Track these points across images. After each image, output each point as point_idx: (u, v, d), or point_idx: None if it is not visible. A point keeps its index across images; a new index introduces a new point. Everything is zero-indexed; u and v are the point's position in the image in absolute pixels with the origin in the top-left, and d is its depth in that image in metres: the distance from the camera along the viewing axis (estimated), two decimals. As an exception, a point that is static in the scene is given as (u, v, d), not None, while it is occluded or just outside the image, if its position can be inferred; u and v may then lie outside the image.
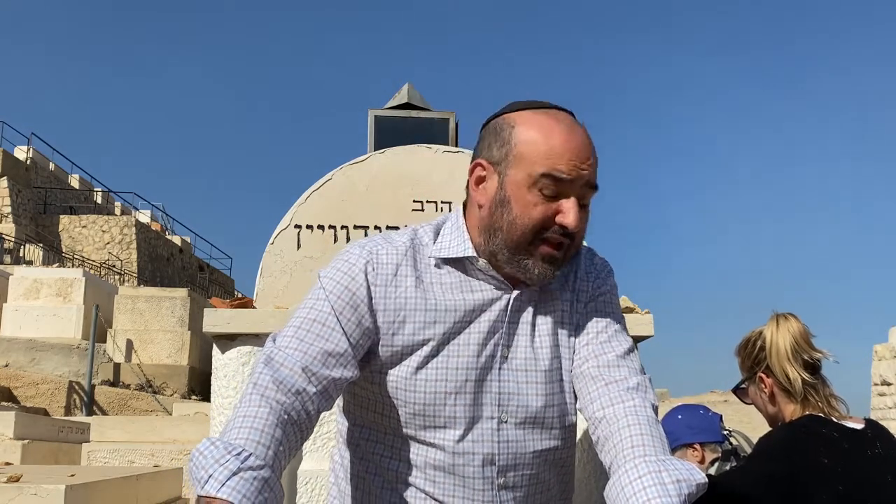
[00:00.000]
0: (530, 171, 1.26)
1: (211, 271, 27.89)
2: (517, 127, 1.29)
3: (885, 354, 10.08)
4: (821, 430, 1.81)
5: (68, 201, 24.21)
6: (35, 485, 2.14)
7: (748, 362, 1.98)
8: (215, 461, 1.07)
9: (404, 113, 5.89)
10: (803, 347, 1.89)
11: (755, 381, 1.96)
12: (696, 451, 2.70)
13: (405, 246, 1.35)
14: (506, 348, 1.32)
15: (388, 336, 1.31)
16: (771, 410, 1.95)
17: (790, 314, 1.94)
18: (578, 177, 1.26)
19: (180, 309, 11.08)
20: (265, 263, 2.33)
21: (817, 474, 1.73)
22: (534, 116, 1.30)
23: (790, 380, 1.87)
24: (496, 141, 1.31)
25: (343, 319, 1.27)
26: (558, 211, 1.26)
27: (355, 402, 1.39)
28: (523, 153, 1.27)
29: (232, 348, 2.17)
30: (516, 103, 1.35)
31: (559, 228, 1.27)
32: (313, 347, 1.24)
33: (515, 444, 1.33)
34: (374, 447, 1.37)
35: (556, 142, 1.26)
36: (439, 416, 1.30)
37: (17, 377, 10.07)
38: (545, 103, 1.33)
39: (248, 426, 1.13)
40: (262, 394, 1.19)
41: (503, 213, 1.28)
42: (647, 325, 2.28)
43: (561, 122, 1.28)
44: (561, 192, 1.26)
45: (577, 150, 1.26)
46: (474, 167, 1.34)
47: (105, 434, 6.30)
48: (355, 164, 2.39)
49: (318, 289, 1.31)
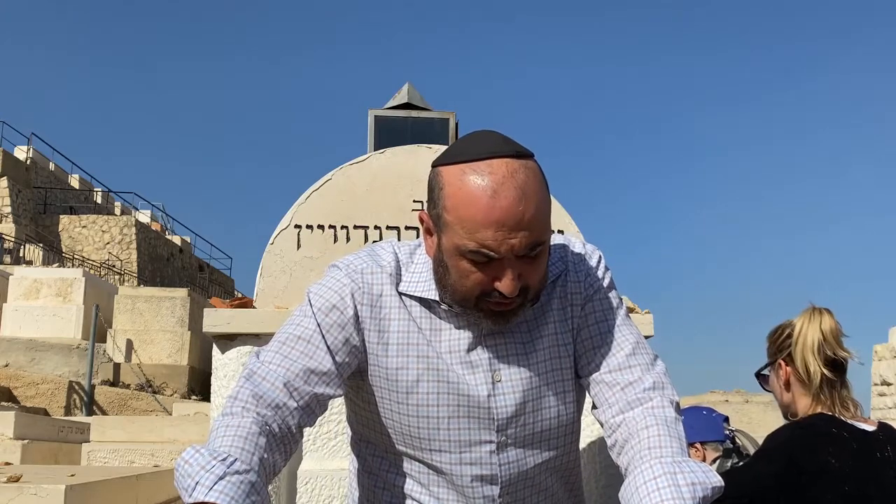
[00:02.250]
0: (458, 244, 1.17)
1: (211, 271, 27.89)
2: (444, 189, 1.19)
3: (885, 354, 10.09)
4: (830, 429, 1.80)
5: (68, 201, 24.21)
6: (35, 485, 2.14)
7: (773, 348, 1.99)
8: (201, 468, 1.06)
9: (404, 113, 5.90)
10: (831, 343, 1.88)
11: (775, 368, 1.97)
12: (697, 450, 2.71)
13: (391, 266, 1.31)
14: (496, 372, 1.28)
15: (374, 356, 1.29)
16: (786, 399, 1.96)
17: (825, 309, 1.94)
18: (508, 249, 1.15)
19: (180, 309, 11.08)
20: (265, 263, 2.33)
21: (824, 474, 1.73)
22: (459, 177, 1.17)
23: (809, 372, 1.87)
24: (430, 198, 1.24)
25: (329, 338, 1.25)
26: (496, 278, 1.17)
27: (357, 419, 1.39)
28: (448, 223, 1.18)
29: (232, 348, 2.17)
30: (454, 147, 1.24)
31: (498, 293, 1.18)
32: (296, 364, 1.22)
33: (517, 464, 1.31)
34: (378, 462, 1.36)
35: (477, 212, 1.14)
36: (434, 440, 1.28)
37: (17, 377, 10.07)
38: (484, 146, 1.19)
39: (231, 434, 1.12)
40: (243, 406, 1.17)
41: (444, 274, 1.23)
42: (647, 325, 2.28)
43: (486, 184, 1.14)
44: (494, 260, 1.16)
45: (503, 218, 1.13)
46: (420, 219, 1.29)
47: (105, 434, 6.30)
48: (355, 164, 2.39)
49: (305, 305, 1.29)
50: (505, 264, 1.17)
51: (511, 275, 1.17)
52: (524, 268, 1.19)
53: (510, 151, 1.19)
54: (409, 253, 1.34)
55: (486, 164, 1.16)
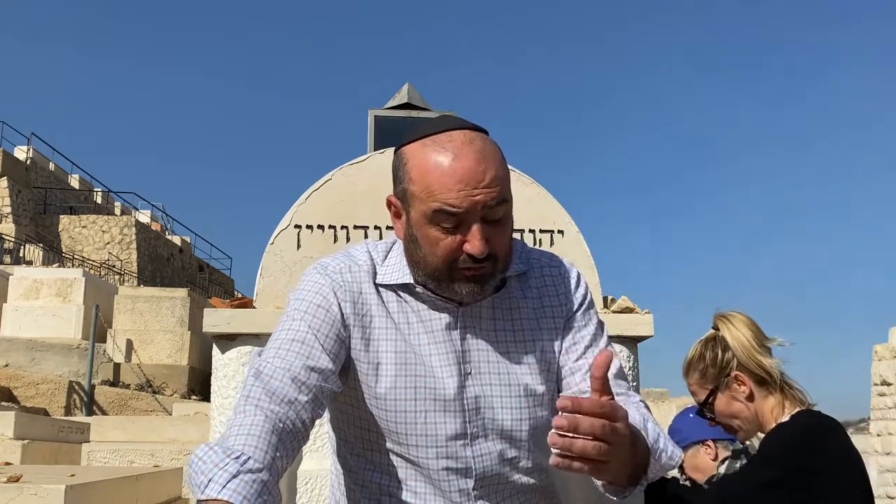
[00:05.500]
0: (424, 210, 1.23)
1: (211, 271, 27.89)
2: (407, 164, 1.26)
3: (885, 354, 10.07)
4: (829, 423, 1.79)
5: (68, 201, 24.21)
6: (35, 485, 2.14)
7: (713, 371, 1.89)
8: (214, 465, 1.07)
9: (404, 113, 5.90)
10: (759, 336, 1.87)
11: (728, 387, 1.88)
12: (709, 448, 2.65)
13: (367, 264, 1.36)
14: (467, 364, 1.32)
15: (356, 351, 1.32)
16: (749, 412, 1.88)
17: (732, 311, 1.92)
18: (472, 204, 1.21)
19: (180, 309, 11.08)
20: (265, 263, 2.33)
21: (829, 468, 1.71)
22: (421, 150, 1.25)
23: (767, 370, 1.84)
24: (395, 178, 1.31)
25: (321, 337, 1.28)
26: (464, 241, 1.23)
27: (340, 417, 1.41)
28: (414, 192, 1.25)
29: (232, 348, 2.18)
30: (414, 131, 1.31)
31: (468, 258, 1.23)
32: (296, 364, 1.24)
33: (489, 457, 1.33)
34: (357, 461, 1.39)
35: (441, 174, 1.21)
36: (411, 434, 1.31)
37: (17, 377, 10.08)
38: (443, 123, 1.28)
39: (244, 433, 1.14)
40: (255, 404, 1.19)
41: (415, 249, 1.28)
42: (647, 325, 2.28)
43: (446, 150, 1.23)
44: (461, 221, 1.22)
45: (466, 176, 1.20)
46: (388, 203, 1.34)
47: (105, 434, 6.31)
48: (355, 164, 2.39)
49: (291, 310, 1.32)
50: (471, 226, 1.22)
51: (479, 235, 1.22)
52: (490, 231, 1.24)
53: (467, 125, 1.28)
54: (383, 251, 1.40)
55: (446, 136, 1.25)
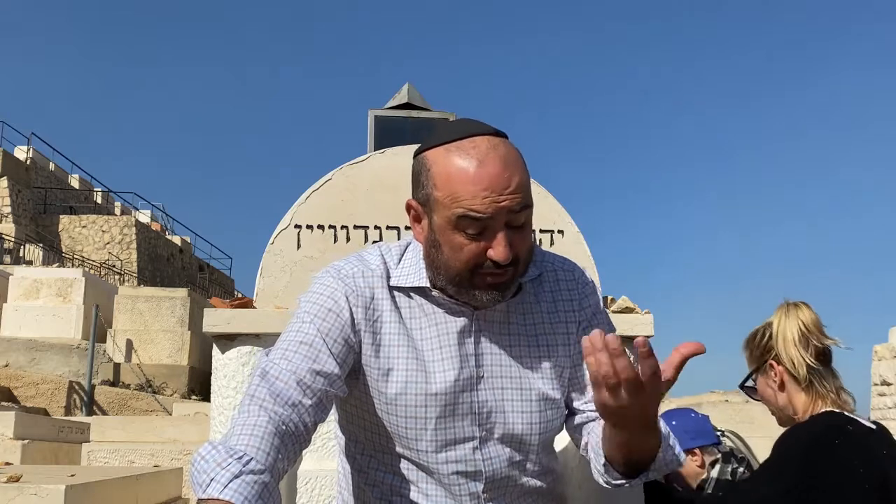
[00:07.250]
0: (448, 216, 1.23)
1: (211, 271, 27.90)
2: (431, 169, 1.26)
3: (885, 354, 10.07)
4: (846, 426, 1.76)
5: (68, 201, 24.21)
6: (35, 485, 2.14)
7: (756, 353, 1.94)
8: (217, 465, 1.07)
9: (404, 113, 5.90)
10: (814, 333, 1.86)
11: (765, 372, 1.92)
12: (695, 456, 2.63)
13: (380, 269, 1.35)
14: (480, 367, 1.32)
15: (366, 357, 1.32)
16: (781, 401, 1.90)
17: (801, 302, 1.91)
18: (497, 210, 1.21)
19: (180, 309, 11.08)
20: (265, 263, 2.33)
21: (847, 474, 1.68)
22: (445, 155, 1.25)
23: (795, 365, 1.84)
24: (417, 184, 1.31)
25: (329, 341, 1.27)
26: (488, 247, 1.23)
27: (348, 419, 1.41)
28: (438, 198, 1.24)
29: (232, 348, 2.17)
30: (434, 135, 1.31)
31: (492, 264, 1.24)
32: (302, 367, 1.24)
33: (499, 461, 1.34)
34: (368, 461, 1.39)
35: (467, 180, 1.21)
36: (421, 439, 1.32)
37: (17, 377, 10.07)
38: (464, 127, 1.28)
39: (248, 433, 1.14)
40: (260, 405, 1.19)
41: (437, 254, 1.28)
42: (647, 325, 2.28)
43: (470, 156, 1.22)
44: (486, 227, 1.22)
45: (491, 183, 1.20)
46: (408, 207, 1.34)
47: (105, 434, 6.30)
48: (355, 164, 2.39)
49: (301, 312, 1.32)
50: (496, 232, 1.22)
51: (503, 241, 1.22)
52: (513, 237, 1.24)
53: (489, 130, 1.28)
54: (396, 253, 1.39)
55: (469, 141, 1.25)
